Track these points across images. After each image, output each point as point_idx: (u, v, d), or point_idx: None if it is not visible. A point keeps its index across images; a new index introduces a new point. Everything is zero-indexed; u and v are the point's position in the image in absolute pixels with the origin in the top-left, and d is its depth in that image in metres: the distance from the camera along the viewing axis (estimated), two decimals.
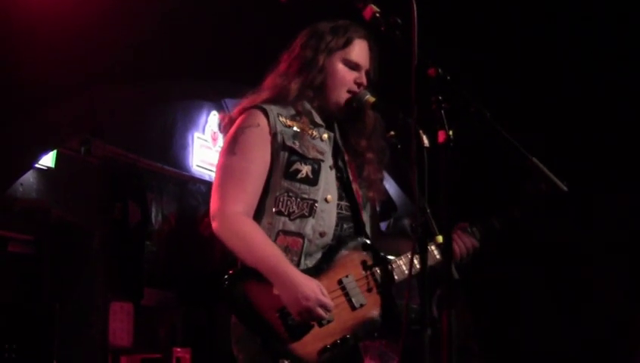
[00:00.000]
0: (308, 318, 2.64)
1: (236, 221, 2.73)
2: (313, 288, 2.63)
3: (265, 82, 2.99)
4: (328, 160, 2.91)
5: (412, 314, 2.60)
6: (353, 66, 2.95)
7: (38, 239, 8.32)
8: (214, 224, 2.75)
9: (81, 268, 8.58)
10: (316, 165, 2.86)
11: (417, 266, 2.28)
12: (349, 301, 2.79)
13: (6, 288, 7.93)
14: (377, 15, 2.35)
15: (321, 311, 2.63)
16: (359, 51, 2.97)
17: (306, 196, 2.81)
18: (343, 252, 2.85)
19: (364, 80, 2.96)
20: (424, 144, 2.30)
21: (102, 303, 8.74)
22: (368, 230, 2.97)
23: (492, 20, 5.66)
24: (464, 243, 2.96)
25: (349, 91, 2.93)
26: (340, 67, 2.94)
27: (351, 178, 2.97)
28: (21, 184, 7.88)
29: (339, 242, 2.86)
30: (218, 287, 2.75)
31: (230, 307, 2.71)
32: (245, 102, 2.93)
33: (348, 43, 2.95)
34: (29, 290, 8.11)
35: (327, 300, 2.65)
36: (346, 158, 3.00)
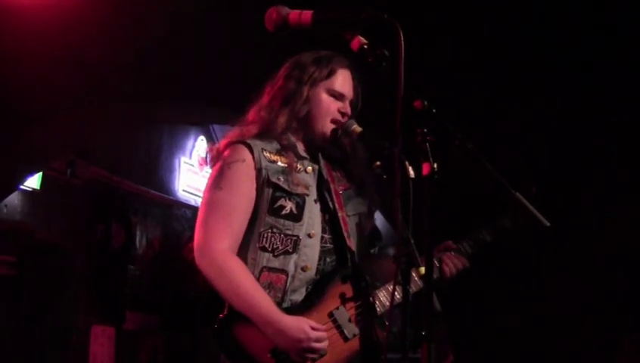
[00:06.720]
0: (309, 356, 2.65)
1: (223, 259, 2.71)
2: (302, 329, 2.64)
3: (249, 114, 2.99)
4: (313, 194, 2.90)
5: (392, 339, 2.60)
6: (337, 96, 2.95)
7: (20, 260, 8.26)
8: (200, 259, 2.73)
9: (62, 291, 8.52)
10: (300, 200, 2.85)
11: (399, 297, 2.27)
12: (342, 333, 2.78)
13: None
14: (365, 47, 2.35)
15: (318, 345, 2.64)
16: (343, 81, 2.98)
17: (289, 232, 2.81)
18: (332, 284, 2.84)
19: (348, 110, 2.97)
20: (409, 175, 2.31)
21: (83, 326, 8.67)
22: (356, 258, 2.94)
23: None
24: (454, 264, 2.95)
25: (333, 121, 2.93)
26: (325, 97, 2.94)
27: (337, 206, 2.96)
28: (5, 206, 7.83)
29: (325, 275, 2.85)
30: (200, 312, 2.74)
31: (221, 350, 2.70)
32: (232, 135, 2.92)
33: (332, 73, 2.96)
34: (9, 311, 8.04)
35: (318, 333, 2.66)
36: (332, 187, 2.99)
